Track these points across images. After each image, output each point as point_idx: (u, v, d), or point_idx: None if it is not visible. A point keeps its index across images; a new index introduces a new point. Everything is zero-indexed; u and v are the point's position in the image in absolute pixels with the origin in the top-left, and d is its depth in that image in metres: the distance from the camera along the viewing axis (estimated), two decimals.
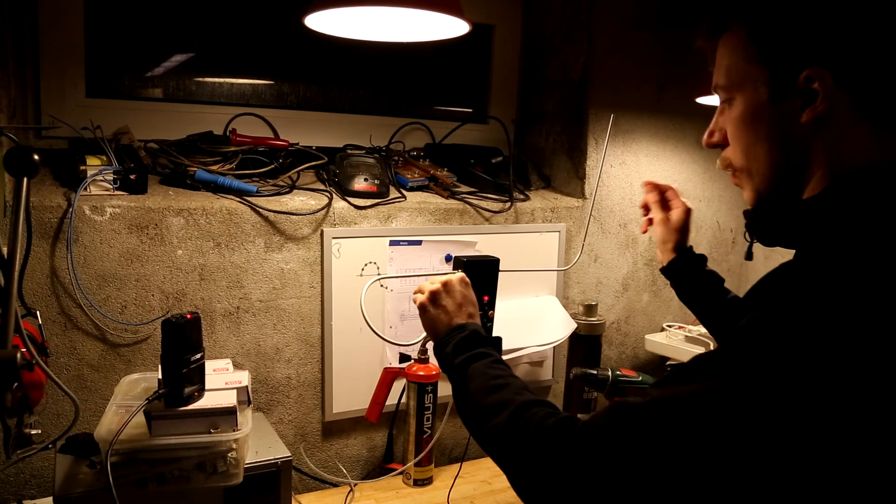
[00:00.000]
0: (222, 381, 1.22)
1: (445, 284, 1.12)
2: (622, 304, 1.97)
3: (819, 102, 0.72)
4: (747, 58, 0.78)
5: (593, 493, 0.71)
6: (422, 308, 1.12)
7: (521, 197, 1.79)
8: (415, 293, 1.16)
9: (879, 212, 0.69)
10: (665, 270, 1.33)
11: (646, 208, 1.37)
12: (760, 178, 0.80)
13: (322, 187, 1.59)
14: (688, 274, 1.30)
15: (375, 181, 1.60)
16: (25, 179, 1.02)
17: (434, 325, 1.10)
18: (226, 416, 1.13)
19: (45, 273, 1.30)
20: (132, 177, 1.37)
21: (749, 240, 0.89)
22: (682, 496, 0.67)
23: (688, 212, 1.32)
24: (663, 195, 1.35)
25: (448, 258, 1.65)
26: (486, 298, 1.28)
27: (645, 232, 1.38)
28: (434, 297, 1.11)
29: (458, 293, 1.11)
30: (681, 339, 1.89)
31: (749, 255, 0.98)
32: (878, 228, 0.68)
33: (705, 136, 0.88)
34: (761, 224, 0.83)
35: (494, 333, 1.32)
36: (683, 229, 1.31)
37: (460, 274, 1.16)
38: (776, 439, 0.62)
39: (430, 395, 1.51)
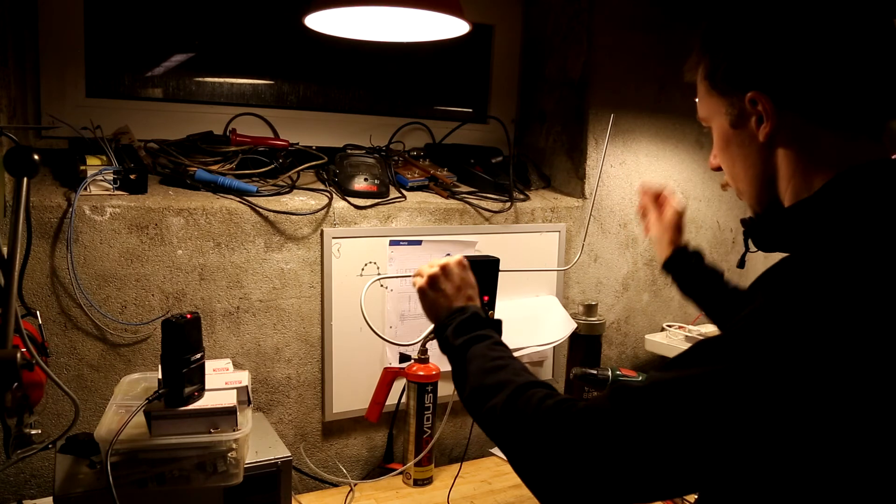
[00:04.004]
0: (222, 381, 1.22)
1: (444, 268, 1.12)
2: (622, 304, 1.97)
3: (766, 122, 0.77)
4: (707, 90, 0.84)
5: (594, 473, 0.72)
6: (421, 292, 1.12)
7: (521, 197, 1.79)
8: (413, 275, 1.16)
9: (867, 210, 0.71)
10: (664, 267, 1.36)
11: (643, 212, 1.41)
12: (747, 195, 0.85)
13: (322, 187, 1.59)
14: (685, 269, 1.33)
15: (375, 181, 1.60)
16: (25, 179, 1.02)
17: (434, 309, 1.10)
18: (226, 416, 1.13)
19: (45, 273, 1.30)
20: (132, 177, 1.37)
21: (746, 247, 0.91)
22: (682, 476, 0.69)
23: (680, 210, 1.36)
24: (657, 197, 1.39)
25: None
26: (486, 298, 1.28)
27: (647, 234, 1.42)
28: (433, 280, 1.11)
29: (456, 276, 1.11)
30: (681, 338, 1.89)
31: (741, 264, 1.02)
32: (867, 225, 0.70)
33: (710, 159, 0.92)
34: (757, 232, 0.86)
35: None
36: (677, 226, 1.35)
37: (458, 257, 1.15)
38: (775, 424, 0.64)
39: (430, 394, 1.51)
